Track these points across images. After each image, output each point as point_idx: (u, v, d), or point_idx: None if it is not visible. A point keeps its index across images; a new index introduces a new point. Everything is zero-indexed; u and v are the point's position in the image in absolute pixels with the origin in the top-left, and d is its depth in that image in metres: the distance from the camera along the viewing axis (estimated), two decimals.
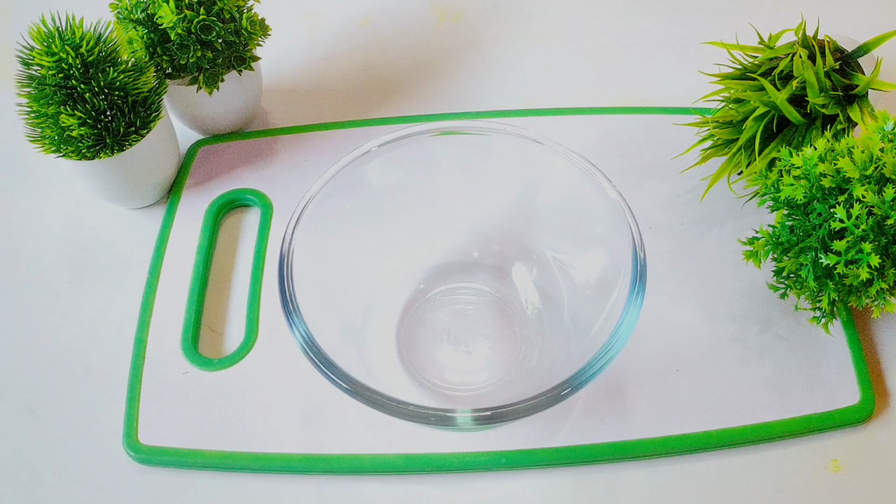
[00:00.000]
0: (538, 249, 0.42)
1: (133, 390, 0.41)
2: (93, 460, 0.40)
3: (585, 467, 0.38)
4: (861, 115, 0.42)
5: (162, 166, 0.48)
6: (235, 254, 0.48)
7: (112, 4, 0.47)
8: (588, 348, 0.33)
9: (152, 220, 0.49)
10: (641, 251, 0.34)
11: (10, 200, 0.52)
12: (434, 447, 0.38)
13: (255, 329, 0.43)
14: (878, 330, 0.42)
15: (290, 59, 0.60)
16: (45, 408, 0.42)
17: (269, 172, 0.51)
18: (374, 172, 0.40)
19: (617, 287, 0.35)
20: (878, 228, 0.36)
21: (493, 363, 0.41)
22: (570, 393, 0.31)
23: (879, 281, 0.35)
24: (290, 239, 0.36)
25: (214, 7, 0.45)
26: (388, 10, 0.64)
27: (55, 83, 0.41)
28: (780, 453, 0.38)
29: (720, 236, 0.46)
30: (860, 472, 0.38)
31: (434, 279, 0.44)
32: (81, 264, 0.48)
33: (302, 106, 0.56)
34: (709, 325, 0.42)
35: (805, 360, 0.41)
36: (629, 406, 0.39)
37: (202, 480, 0.39)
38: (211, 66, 0.47)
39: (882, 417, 0.39)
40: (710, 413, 0.39)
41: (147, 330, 0.43)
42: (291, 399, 0.40)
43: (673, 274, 0.44)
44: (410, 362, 0.41)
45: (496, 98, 0.56)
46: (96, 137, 0.43)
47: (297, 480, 0.38)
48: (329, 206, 0.38)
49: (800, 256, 0.38)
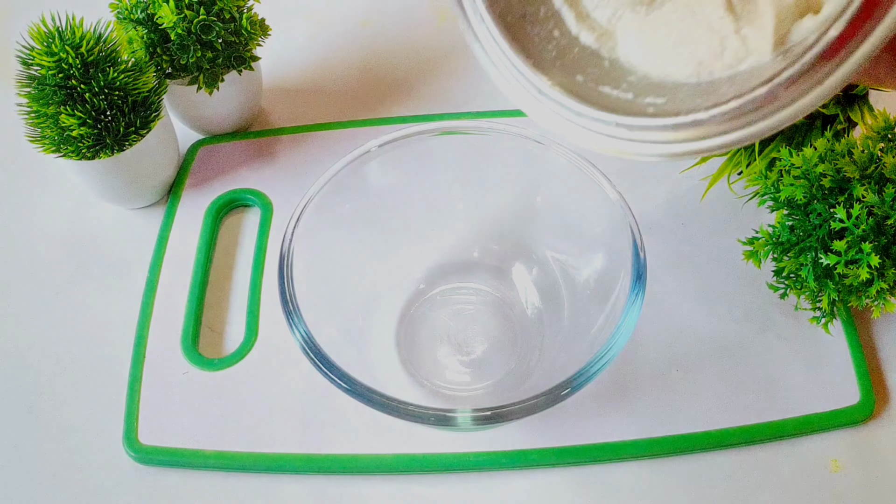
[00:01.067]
0: (538, 249, 0.42)
1: (133, 390, 0.41)
2: (93, 460, 0.40)
3: (585, 467, 0.38)
4: (861, 115, 0.42)
5: (162, 166, 0.48)
6: (235, 254, 0.48)
7: (112, 4, 0.47)
8: (588, 348, 0.33)
9: (152, 220, 0.49)
10: (641, 251, 0.34)
11: (9, 200, 0.52)
12: (434, 447, 0.38)
13: (255, 329, 0.43)
14: (878, 330, 0.42)
15: (290, 59, 0.60)
16: (45, 408, 0.42)
17: (269, 172, 0.51)
18: (374, 172, 0.40)
19: (617, 287, 0.35)
20: (878, 228, 0.36)
21: (493, 363, 0.41)
22: (570, 393, 0.31)
23: (879, 281, 0.35)
24: (290, 239, 0.36)
25: (214, 7, 0.45)
26: (388, 10, 0.64)
27: (55, 83, 0.41)
28: (780, 453, 0.38)
29: (720, 236, 0.46)
30: (860, 472, 0.38)
31: (434, 279, 0.44)
32: (81, 264, 0.48)
33: (302, 106, 0.56)
34: (709, 325, 0.42)
35: (805, 360, 0.41)
36: (629, 406, 0.39)
37: (202, 480, 0.39)
38: (211, 66, 0.47)
39: (882, 417, 0.39)
40: (710, 413, 0.39)
41: (147, 330, 0.43)
42: (291, 399, 0.40)
43: (673, 274, 0.44)
44: (410, 362, 0.41)
45: (496, 98, 0.56)
46: (96, 137, 0.43)
47: (297, 480, 0.38)
48: (329, 206, 0.38)
49: (800, 256, 0.38)
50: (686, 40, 0.24)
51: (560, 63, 0.26)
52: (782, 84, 0.20)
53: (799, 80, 0.20)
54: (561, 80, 0.26)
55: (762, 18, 0.23)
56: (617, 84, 0.26)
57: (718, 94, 0.22)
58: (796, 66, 0.20)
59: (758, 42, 0.23)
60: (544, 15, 0.27)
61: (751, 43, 0.23)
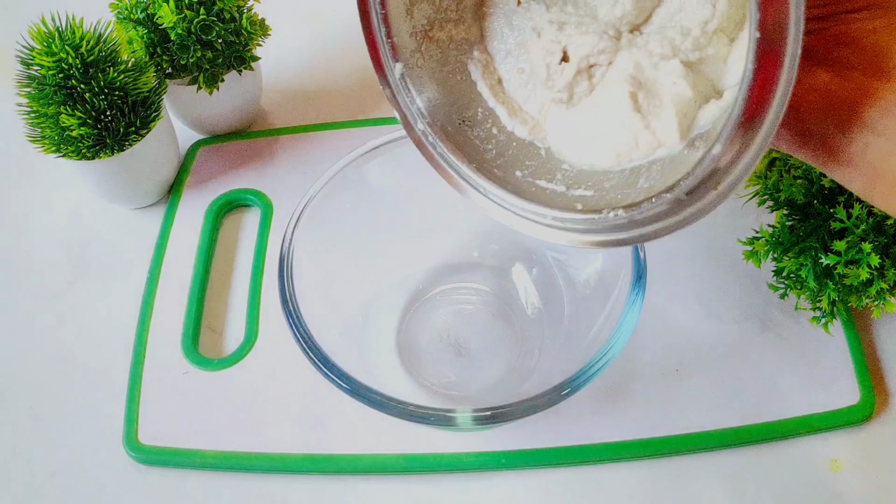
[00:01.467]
0: (538, 249, 0.42)
1: (133, 390, 0.41)
2: (93, 460, 0.40)
3: (585, 467, 0.38)
4: None
5: (162, 166, 0.48)
6: (235, 254, 0.48)
7: (112, 4, 0.47)
8: (588, 348, 0.33)
9: (152, 220, 0.49)
10: (641, 251, 0.34)
11: (10, 200, 0.52)
12: (434, 447, 0.38)
13: (255, 329, 0.43)
14: (878, 330, 0.42)
15: (290, 59, 0.60)
16: (45, 408, 0.42)
17: (269, 172, 0.51)
18: (374, 172, 0.40)
19: (617, 287, 0.35)
20: (878, 228, 0.36)
21: (493, 363, 0.41)
22: (570, 393, 0.31)
23: (879, 281, 0.35)
24: (290, 239, 0.36)
25: (214, 7, 0.45)
26: None
27: (55, 83, 0.41)
28: (780, 453, 0.38)
29: (720, 236, 0.46)
30: (860, 472, 0.38)
31: (434, 279, 0.44)
32: (81, 264, 0.48)
33: (302, 106, 0.56)
34: (709, 325, 0.42)
35: (805, 360, 0.41)
36: (629, 406, 0.39)
37: (202, 480, 0.39)
38: (211, 66, 0.47)
39: (882, 417, 0.39)
40: (710, 413, 0.39)
41: (147, 330, 0.43)
42: (291, 399, 0.40)
43: (673, 274, 0.44)
44: (410, 362, 0.41)
45: None
46: (96, 137, 0.43)
47: (297, 480, 0.38)
48: (329, 206, 0.38)
49: (800, 256, 0.38)
50: (604, 134, 0.27)
51: (501, 161, 0.29)
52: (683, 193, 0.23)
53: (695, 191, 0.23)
54: (502, 179, 0.29)
55: (666, 113, 0.25)
56: (552, 176, 0.28)
57: (637, 189, 0.25)
58: (690, 180, 0.23)
59: (666, 134, 0.25)
60: (482, 116, 0.30)
61: (660, 135, 0.26)
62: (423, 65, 0.30)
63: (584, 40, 0.27)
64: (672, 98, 0.25)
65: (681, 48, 0.26)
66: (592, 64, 0.27)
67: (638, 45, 0.27)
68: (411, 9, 0.29)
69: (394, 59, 0.29)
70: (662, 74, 0.26)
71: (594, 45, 0.27)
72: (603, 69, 0.27)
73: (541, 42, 0.28)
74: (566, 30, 0.28)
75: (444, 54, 0.30)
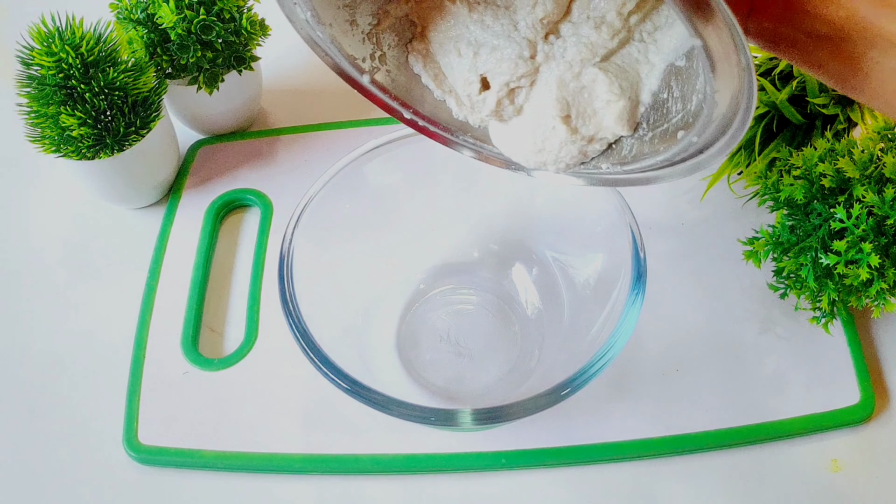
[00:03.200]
0: (538, 249, 0.42)
1: (133, 390, 0.41)
2: (93, 460, 0.40)
3: (585, 467, 0.38)
4: (861, 115, 0.42)
5: (162, 166, 0.48)
6: (235, 254, 0.48)
7: (112, 4, 0.47)
8: (588, 348, 0.33)
9: (152, 220, 0.49)
10: (641, 251, 0.34)
11: (10, 200, 0.52)
12: (434, 447, 0.38)
13: (255, 329, 0.43)
14: (878, 330, 0.42)
15: (290, 59, 0.60)
16: (45, 408, 0.42)
17: (269, 172, 0.51)
18: (374, 172, 0.40)
19: (617, 287, 0.35)
20: (878, 228, 0.36)
21: (493, 363, 0.41)
22: (570, 393, 0.31)
23: (879, 281, 0.35)
24: (290, 239, 0.36)
25: (214, 7, 0.45)
26: None
27: (55, 83, 0.41)
28: (780, 453, 0.38)
29: (720, 236, 0.46)
30: (860, 472, 0.38)
31: (434, 279, 0.44)
32: (81, 264, 0.48)
33: (302, 106, 0.56)
34: (709, 325, 0.42)
35: (805, 360, 0.41)
36: (629, 406, 0.39)
37: (202, 480, 0.39)
38: (211, 66, 0.47)
39: (882, 417, 0.39)
40: (710, 413, 0.39)
41: (147, 330, 0.43)
42: (291, 399, 0.40)
43: (673, 274, 0.44)
44: (410, 362, 0.41)
45: None
46: (96, 137, 0.43)
47: (297, 480, 0.38)
48: (329, 206, 0.38)
49: (800, 256, 0.38)
50: (546, 145, 0.29)
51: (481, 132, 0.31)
52: None
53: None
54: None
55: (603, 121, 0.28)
56: None
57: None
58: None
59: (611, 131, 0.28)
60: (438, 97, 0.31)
61: (605, 133, 0.28)
62: (387, 64, 0.31)
63: (502, 68, 0.27)
64: (608, 114, 0.26)
65: (597, 44, 0.26)
66: (514, 88, 0.28)
67: (556, 56, 0.27)
68: (354, 20, 0.30)
69: (359, 72, 0.30)
70: (589, 84, 0.26)
71: (512, 73, 0.27)
72: (525, 90, 0.28)
73: (458, 70, 0.29)
74: (481, 54, 0.28)
75: (400, 49, 0.31)
